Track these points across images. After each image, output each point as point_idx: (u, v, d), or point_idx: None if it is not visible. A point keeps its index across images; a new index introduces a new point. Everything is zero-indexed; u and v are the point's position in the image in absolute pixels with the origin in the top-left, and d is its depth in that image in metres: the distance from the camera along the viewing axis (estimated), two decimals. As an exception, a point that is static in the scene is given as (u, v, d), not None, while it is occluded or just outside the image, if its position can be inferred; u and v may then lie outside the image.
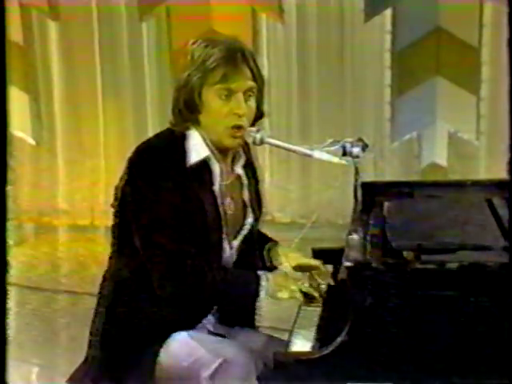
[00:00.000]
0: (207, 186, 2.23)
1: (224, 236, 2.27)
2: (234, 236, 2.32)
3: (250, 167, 2.40)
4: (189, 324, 2.26)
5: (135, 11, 6.27)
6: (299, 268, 2.38)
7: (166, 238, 2.15)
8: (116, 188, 2.26)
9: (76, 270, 5.56)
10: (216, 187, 2.25)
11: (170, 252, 2.15)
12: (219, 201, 2.25)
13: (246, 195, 2.35)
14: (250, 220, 2.35)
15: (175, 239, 2.15)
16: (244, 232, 2.34)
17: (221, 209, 2.25)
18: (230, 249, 2.31)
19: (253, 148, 2.37)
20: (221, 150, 2.26)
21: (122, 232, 2.26)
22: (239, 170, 2.33)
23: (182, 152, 2.20)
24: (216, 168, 2.25)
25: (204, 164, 2.23)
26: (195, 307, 2.25)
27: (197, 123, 2.23)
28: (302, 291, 2.21)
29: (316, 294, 2.24)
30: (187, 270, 2.15)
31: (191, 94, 2.18)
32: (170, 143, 2.21)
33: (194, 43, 2.22)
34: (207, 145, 2.23)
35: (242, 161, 2.33)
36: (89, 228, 6.35)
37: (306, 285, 2.24)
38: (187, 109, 2.20)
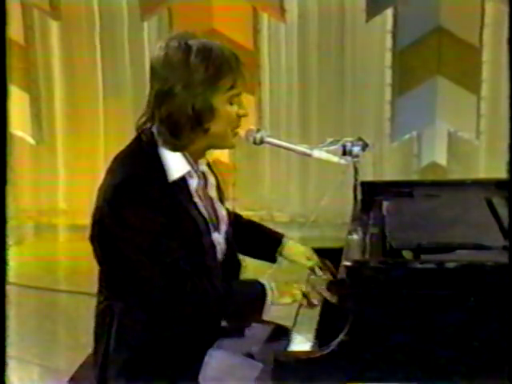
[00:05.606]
0: (188, 196, 2.23)
1: (214, 236, 2.28)
2: (218, 231, 2.31)
3: (208, 164, 2.40)
4: (209, 340, 2.27)
5: (137, 11, 6.27)
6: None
7: (163, 261, 2.11)
8: (93, 222, 2.26)
9: (75, 269, 5.55)
10: (196, 198, 2.25)
11: (167, 275, 2.11)
12: (200, 205, 2.25)
13: (213, 191, 2.35)
14: (223, 213, 2.34)
15: (172, 260, 2.12)
16: (223, 225, 2.33)
17: (205, 213, 2.25)
18: (219, 244, 2.31)
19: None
20: (196, 157, 2.26)
21: (108, 267, 2.24)
22: (203, 167, 2.34)
23: (162, 171, 2.18)
24: (194, 180, 2.25)
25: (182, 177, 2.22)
26: (205, 325, 2.24)
27: (205, 132, 2.20)
28: (303, 294, 2.21)
29: (317, 298, 2.23)
30: (187, 290, 2.12)
31: (204, 104, 2.16)
32: (150, 165, 2.19)
33: (184, 52, 2.16)
34: (186, 159, 2.22)
35: (204, 159, 2.34)
36: (88, 227, 6.33)
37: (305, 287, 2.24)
38: (198, 119, 2.17)
